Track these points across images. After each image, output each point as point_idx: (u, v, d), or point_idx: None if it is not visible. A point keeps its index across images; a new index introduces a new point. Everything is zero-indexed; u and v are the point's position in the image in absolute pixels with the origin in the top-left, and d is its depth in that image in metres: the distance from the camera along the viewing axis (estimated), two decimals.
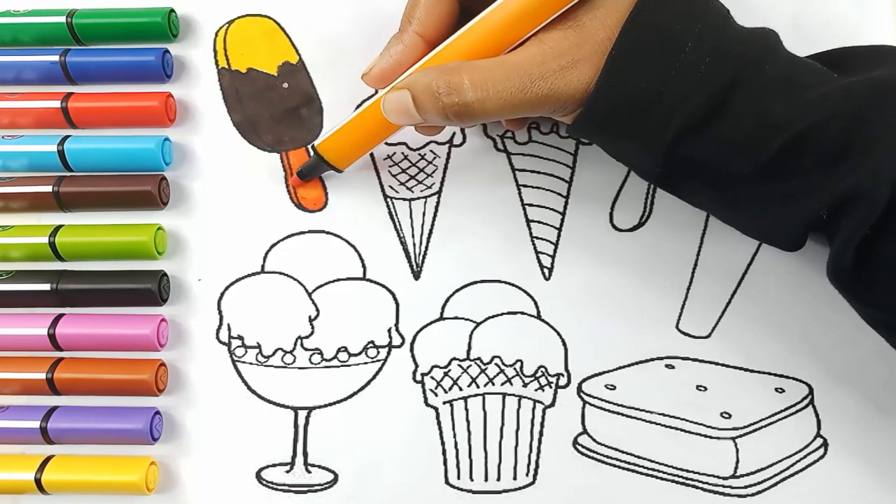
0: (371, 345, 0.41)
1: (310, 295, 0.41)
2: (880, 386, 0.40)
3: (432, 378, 0.40)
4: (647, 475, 0.40)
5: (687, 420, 0.40)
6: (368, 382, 0.41)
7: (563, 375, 0.40)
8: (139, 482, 0.39)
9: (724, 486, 0.39)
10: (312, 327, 0.41)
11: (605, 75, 0.32)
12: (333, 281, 0.41)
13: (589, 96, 0.32)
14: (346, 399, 0.41)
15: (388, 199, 0.42)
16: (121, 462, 0.40)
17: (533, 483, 0.40)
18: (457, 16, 0.36)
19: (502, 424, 0.40)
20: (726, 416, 0.40)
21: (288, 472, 0.40)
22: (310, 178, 0.41)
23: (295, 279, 0.41)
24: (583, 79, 0.32)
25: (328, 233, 0.42)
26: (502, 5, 0.33)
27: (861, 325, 0.40)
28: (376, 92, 0.40)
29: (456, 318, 0.41)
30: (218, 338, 0.41)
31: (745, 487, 0.39)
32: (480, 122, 0.33)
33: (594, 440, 0.40)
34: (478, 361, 0.40)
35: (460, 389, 0.40)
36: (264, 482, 0.40)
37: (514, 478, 0.40)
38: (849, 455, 0.40)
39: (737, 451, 0.39)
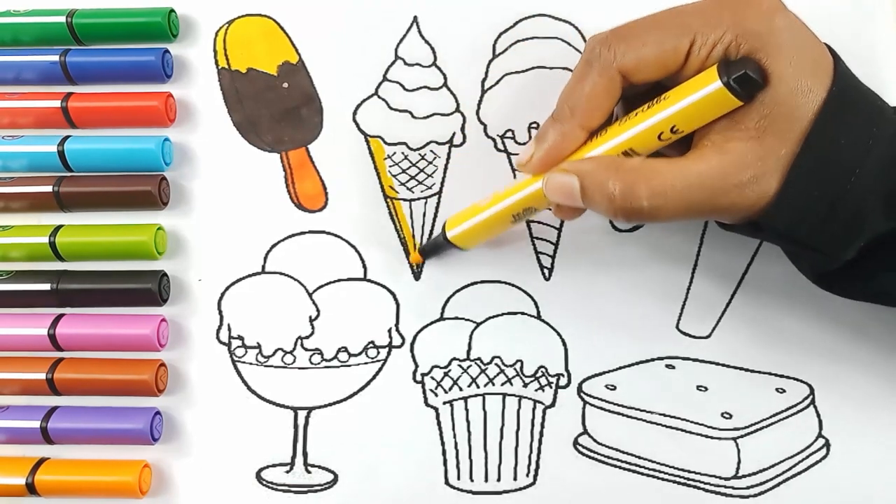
0: (371, 345, 0.41)
1: (310, 295, 0.41)
2: (882, 386, 0.40)
3: (432, 378, 0.40)
4: (648, 476, 0.40)
5: (688, 420, 0.40)
6: (368, 382, 0.41)
7: (563, 375, 0.40)
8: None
9: (725, 487, 0.39)
10: (313, 327, 0.41)
11: (783, 194, 0.31)
12: (334, 281, 0.41)
13: (764, 214, 0.32)
14: (346, 399, 0.40)
15: (388, 199, 0.42)
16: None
17: (533, 483, 0.40)
18: (618, 102, 0.34)
19: (502, 425, 0.40)
20: (727, 416, 0.40)
21: (288, 472, 0.40)
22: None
23: (295, 279, 0.41)
24: (763, 195, 0.31)
25: (328, 233, 0.42)
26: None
27: (861, 326, 0.40)
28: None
29: (456, 318, 0.41)
30: (218, 338, 0.41)
31: (748, 488, 0.39)
32: (649, 222, 0.32)
33: (595, 440, 0.40)
34: (478, 362, 0.40)
35: (460, 390, 0.40)
36: (264, 482, 0.40)
37: (515, 478, 0.40)
38: (851, 455, 0.39)
39: (738, 451, 0.39)
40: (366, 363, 0.41)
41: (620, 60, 0.32)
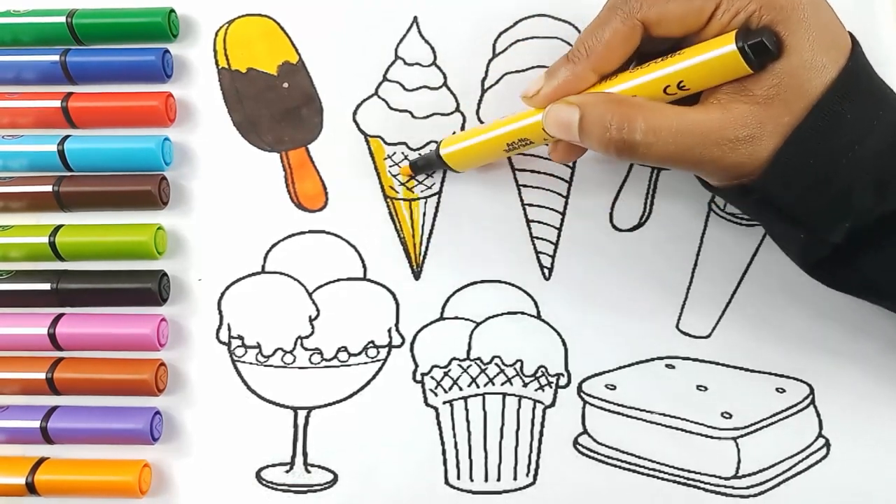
0: (371, 345, 0.41)
1: (310, 295, 0.41)
2: (882, 386, 0.40)
3: (432, 378, 0.40)
4: (648, 475, 0.40)
5: (688, 420, 0.40)
6: (368, 382, 0.41)
7: (563, 375, 0.40)
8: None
9: (725, 487, 0.39)
10: (312, 327, 0.41)
11: (781, 158, 0.32)
12: (334, 281, 0.41)
13: (755, 177, 0.32)
14: (345, 399, 0.40)
15: (388, 199, 0.42)
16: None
17: (533, 483, 0.40)
18: (634, 53, 0.35)
19: (502, 424, 0.40)
20: (727, 416, 0.40)
21: (288, 472, 0.40)
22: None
23: (295, 279, 0.41)
24: (755, 155, 0.32)
25: (328, 233, 0.42)
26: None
27: (861, 325, 0.40)
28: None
29: (456, 318, 0.41)
30: (218, 338, 0.41)
31: (748, 488, 0.39)
32: (638, 162, 0.33)
33: (595, 440, 0.40)
34: (478, 361, 0.40)
35: (460, 389, 0.40)
36: (264, 482, 0.40)
37: (515, 478, 0.40)
38: (851, 455, 0.39)
39: (738, 451, 0.39)
40: (366, 363, 0.41)
41: (645, 11, 0.33)
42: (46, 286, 0.40)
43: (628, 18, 0.33)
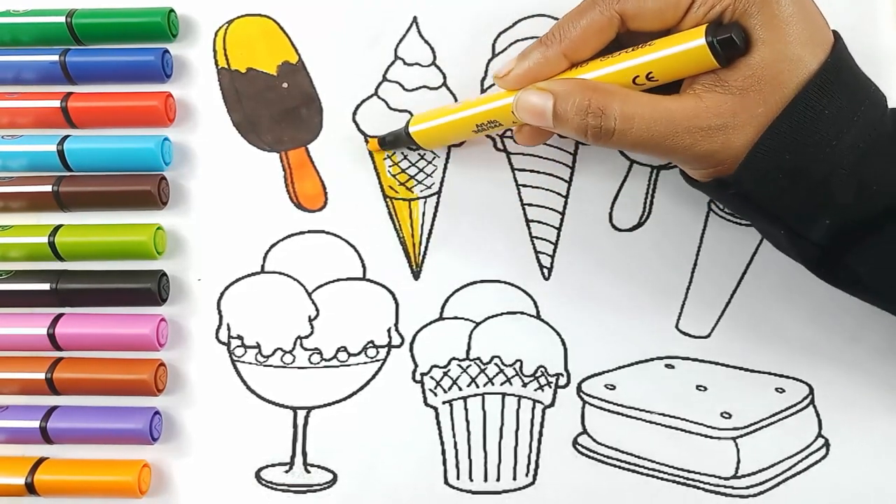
0: (371, 345, 0.41)
1: (310, 295, 0.41)
2: (882, 386, 0.40)
3: (432, 378, 0.40)
4: (647, 475, 0.40)
5: (687, 420, 0.40)
6: (368, 382, 0.41)
7: (562, 375, 0.40)
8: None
9: (725, 487, 0.39)
10: (312, 327, 0.41)
11: (759, 149, 0.32)
12: (333, 281, 0.41)
13: (736, 171, 0.32)
14: (345, 399, 0.40)
15: (388, 199, 0.42)
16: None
17: (532, 483, 0.40)
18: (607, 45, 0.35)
19: (502, 424, 0.40)
20: (727, 416, 0.40)
21: (287, 472, 0.40)
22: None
23: (295, 279, 0.41)
24: (729, 144, 0.32)
25: (328, 233, 0.42)
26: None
27: (861, 325, 0.40)
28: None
29: (455, 318, 0.41)
30: (217, 338, 0.41)
31: (747, 488, 0.39)
32: (611, 148, 0.33)
33: (594, 440, 0.40)
34: (477, 361, 0.40)
35: (460, 389, 0.40)
36: (263, 482, 0.40)
37: (514, 478, 0.40)
38: (851, 455, 0.39)
39: (738, 451, 0.39)
40: (365, 363, 0.41)
41: (623, 4, 0.33)
42: (46, 286, 0.40)
43: (607, 9, 0.34)
